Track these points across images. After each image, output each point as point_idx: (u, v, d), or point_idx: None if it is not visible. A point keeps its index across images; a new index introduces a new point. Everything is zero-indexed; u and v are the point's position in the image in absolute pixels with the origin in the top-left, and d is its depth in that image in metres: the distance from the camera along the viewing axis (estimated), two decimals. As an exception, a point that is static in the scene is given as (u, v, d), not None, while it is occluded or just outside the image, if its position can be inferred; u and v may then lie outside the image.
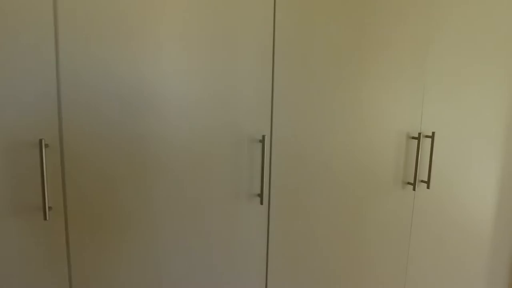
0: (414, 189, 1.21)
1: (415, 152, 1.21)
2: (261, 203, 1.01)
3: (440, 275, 1.40)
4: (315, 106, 1.05)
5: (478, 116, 1.34)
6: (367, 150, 1.14)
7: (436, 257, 1.37)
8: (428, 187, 1.22)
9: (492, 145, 1.40)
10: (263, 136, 0.98)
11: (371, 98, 1.12)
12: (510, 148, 1.46)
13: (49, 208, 0.81)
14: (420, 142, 1.19)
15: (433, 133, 1.19)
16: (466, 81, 1.28)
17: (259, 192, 1.03)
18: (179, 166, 0.92)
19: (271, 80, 0.99)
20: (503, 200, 1.51)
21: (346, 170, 1.13)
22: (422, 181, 1.25)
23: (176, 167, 0.92)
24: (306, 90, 1.03)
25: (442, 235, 1.36)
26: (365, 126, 1.13)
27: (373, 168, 1.16)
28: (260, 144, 1.01)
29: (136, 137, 0.87)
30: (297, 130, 1.04)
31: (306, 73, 1.03)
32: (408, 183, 1.23)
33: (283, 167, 1.04)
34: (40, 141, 0.75)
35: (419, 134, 1.18)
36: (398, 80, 1.15)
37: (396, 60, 1.13)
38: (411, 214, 1.27)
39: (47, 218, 0.79)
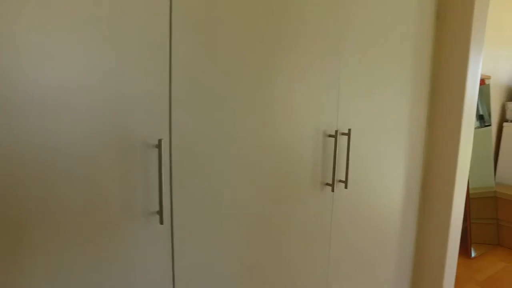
0: (332, 190, 1.14)
1: (333, 151, 1.14)
2: (161, 222, 0.81)
3: (359, 275, 1.38)
4: (222, 104, 0.89)
5: (387, 114, 1.34)
6: (283, 151, 1.03)
7: (356, 257, 1.34)
8: (346, 187, 1.17)
9: (398, 143, 1.43)
10: (159, 141, 0.78)
11: (286, 96, 1.01)
12: (414, 146, 1.52)
13: None
14: (337, 140, 1.13)
15: (349, 130, 1.14)
16: (376, 80, 1.26)
17: (157, 209, 0.83)
18: (54, 180, 0.67)
19: (168, 76, 0.80)
20: (408, 196, 1.56)
21: (260, 173, 0.99)
22: (340, 180, 1.19)
23: (51, 182, 0.67)
24: (212, 86, 0.87)
25: (360, 234, 1.34)
26: (280, 126, 1.01)
27: (290, 170, 1.06)
28: (156, 150, 0.81)
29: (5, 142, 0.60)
30: (203, 131, 0.87)
31: (212, 69, 0.86)
32: (327, 184, 1.16)
33: (186, 175, 0.86)
34: None
35: (336, 131, 1.11)
36: (313, 77, 1.06)
37: (310, 57, 1.05)
38: (330, 216, 1.20)
39: None
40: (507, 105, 3.21)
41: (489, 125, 3.04)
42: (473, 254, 2.76)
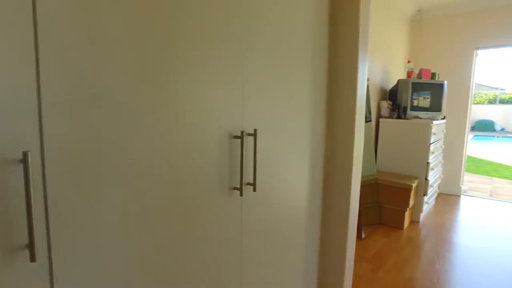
0: (241, 194, 1.10)
1: (239, 153, 1.10)
2: (33, 260, 0.63)
3: (272, 274, 1.38)
4: (110, 105, 0.75)
5: (291, 113, 1.37)
6: (184, 156, 0.93)
7: (268, 258, 1.33)
8: (254, 190, 1.14)
9: (302, 140, 1.48)
10: (25, 154, 0.61)
11: (184, 96, 0.92)
12: (316, 142, 1.60)
13: None
14: (244, 141, 1.09)
15: (255, 130, 1.11)
16: (279, 80, 1.27)
17: (27, 241, 0.65)
18: None
19: (35, 73, 0.63)
20: (312, 190, 1.64)
21: (162, 181, 0.88)
22: (248, 183, 1.16)
23: None
24: (94, 86, 0.72)
25: (270, 234, 1.33)
26: (178, 128, 0.91)
27: (193, 177, 0.97)
28: (21, 166, 0.63)
29: None
30: (85, 137, 0.72)
31: (91, 65, 0.71)
32: (235, 188, 1.11)
33: (63, 195, 0.70)
34: None
35: (242, 132, 1.07)
36: (214, 77, 1.00)
37: (212, 56, 0.98)
38: (240, 221, 1.16)
39: None
40: (381, 103, 3.73)
41: (370, 121, 3.48)
42: (363, 235, 3.12)
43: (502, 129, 13.74)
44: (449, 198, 4.46)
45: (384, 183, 3.38)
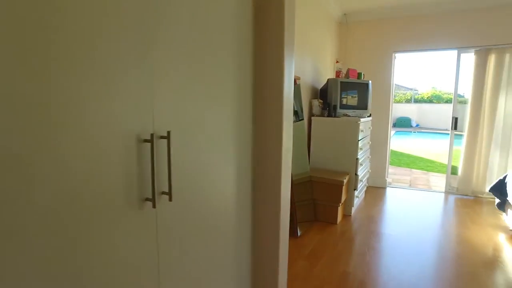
0: (154, 206, 0.95)
1: (149, 159, 0.94)
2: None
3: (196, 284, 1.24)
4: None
5: (213, 112, 1.25)
6: (80, 166, 0.76)
7: (194, 273, 1.19)
8: (170, 199, 1.00)
9: (226, 141, 1.37)
10: None
11: (76, 96, 0.74)
12: (242, 142, 1.50)
13: None
14: (155, 145, 0.94)
15: (169, 132, 0.97)
16: (199, 77, 1.14)
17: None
18: None
19: None
20: (240, 192, 1.54)
21: (58, 196, 0.70)
22: (163, 192, 1.01)
23: None
24: None
25: (194, 247, 1.20)
26: (70, 133, 0.73)
27: (91, 190, 0.79)
28: None
29: None
30: None
31: None
32: (147, 199, 0.95)
33: None
34: None
35: (152, 135, 0.92)
36: (116, 73, 0.83)
37: (114, 48, 0.81)
38: (155, 237, 1.00)
39: None
40: (313, 102, 3.81)
41: (302, 119, 3.52)
42: (299, 233, 3.13)
43: (417, 125, 15.31)
44: (376, 191, 4.74)
45: (317, 180, 3.44)
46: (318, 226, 3.38)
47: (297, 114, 3.47)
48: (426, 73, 24.99)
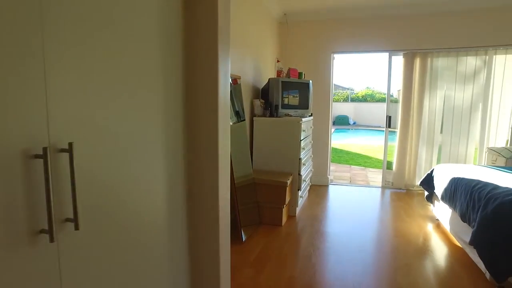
0: (52, 240, 0.74)
1: (43, 179, 0.73)
2: None
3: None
4: None
5: (134, 116, 1.06)
6: None
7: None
8: (77, 227, 0.80)
9: (152, 148, 1.19)
10: None
11: None
12: (172, 148, 1.33)
13: None
14: (50, 162, 0.73)
15: (71, 144, 0.77)
16: (113, 75, 0.95)
17: None
18: None
19: None
20: (172, 203, 1.37)
21: None
22: (67, 219, 0.80)
23: None
24: None
25: (114, 275, 1.00)
26: None
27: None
28: None
29: None
30: None
31: None
32: (43, 231, 0.74)
33: None
34: None
35: (46, 148, 0.72)
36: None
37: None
38: (58, 278, 0.79)
39: None
40: (255, 102, 3.72)
41: (244, 120, 3.41)
42: (244, 238, 3.02)
43: (354, 123, 16.24)
44: (319, 189, 4.83)
45: (261, 182, 3.37)
46: (264, 229, 3.30)
47: (239, 115, 3.36)
48: (360, 73, 26.70)
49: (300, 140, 3.56)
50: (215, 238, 1.52)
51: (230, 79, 3.23)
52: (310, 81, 4.09)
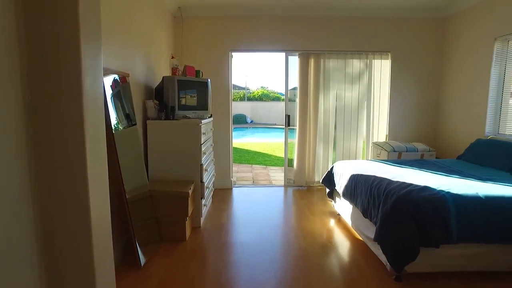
0: None
1: None
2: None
3: None
4: None
5: None
6: None
7: None
8: None
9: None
10: None
11: None
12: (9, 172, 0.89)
13: None
14: None
15: None
16: None
17: None
18: None
19: None
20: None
21: None
22: None
23: None
24: None
25: None
26: None
27: None
28: None
29: None
30: None
31: None
32: None
33: None
34: None
35: None
36: None
37: None
38: None
39: None
40: (147, 103, 3.25)
41: (135, 125, 2.92)
42: (142, 262, 2.57)
43: (252, 121, 16.69)
44: (223, 193, 4.61)
45: (159, 194, 2.94)
46: (166, 247, 2.89)
47: (130, 118, 2.86)
48: (255, 73, 27.72)
49: (201, 144, 3.25)
50: (90, 272, 1.14)
51: (118, 77, 2.72)
52: (209, 80, 3.81)
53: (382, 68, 4.73)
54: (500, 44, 3.71)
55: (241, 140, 11.42)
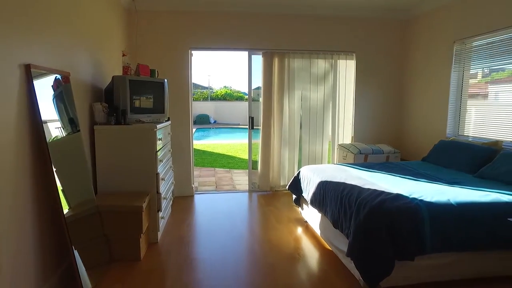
0: None
1: None
2: None
3: None
4: None
5: None
6: None
7: None
8: None
9: None
10: None
11: None
12: None
13: None
14: None
15: None
16: None
17: None
18: None
19: None
20: None
21: None
22: None
23: None
24: None
25: None
26: None
27: None
28: None
29: None
30: None
31: None
32: None
33: None
34: None
35: None
36: None
37: None
38: None
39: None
40: (95, 106, 2.87)
41: (79, 131, 2.54)
42: (87, 291, 2.21)
43: (215, 121, 16.32)
44: (184, 202, 4.29)
45: (108, 209, 2.59)
46: (117, 269, 2.55)
47: (74, 123, 2.48)
48: (218, 72, 27.25)
49: (157, 151, 2.93)
50: None
51: (60, 77, 2.34)
52: (165, 80, 3.49)
53: (347, 68, 4.66)
54: (459, 47, 3.76)
55: (204, 141, 11.05)
